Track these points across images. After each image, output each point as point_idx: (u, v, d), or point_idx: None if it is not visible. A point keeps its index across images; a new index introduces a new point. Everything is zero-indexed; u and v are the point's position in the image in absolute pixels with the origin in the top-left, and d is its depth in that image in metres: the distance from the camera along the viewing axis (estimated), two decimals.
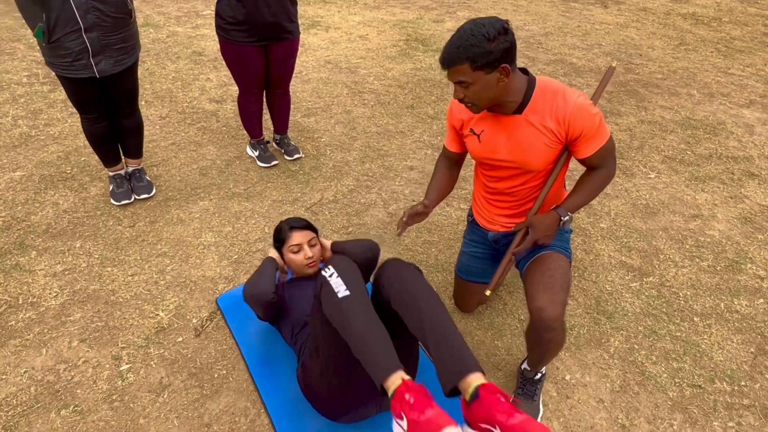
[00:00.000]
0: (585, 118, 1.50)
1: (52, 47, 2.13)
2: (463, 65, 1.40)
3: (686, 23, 6.07)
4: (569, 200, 1.64)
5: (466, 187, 2.96)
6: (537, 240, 1.60)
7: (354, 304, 1.34)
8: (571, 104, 1.49)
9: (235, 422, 1.71)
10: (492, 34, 1.37)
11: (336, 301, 1.35)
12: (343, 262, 1.44)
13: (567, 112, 1.50)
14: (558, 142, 1.56)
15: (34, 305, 2.09)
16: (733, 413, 1.82)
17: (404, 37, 5.21)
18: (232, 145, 3.25)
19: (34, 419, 1.69)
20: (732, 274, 2.43)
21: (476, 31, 1.37)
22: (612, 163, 1.64)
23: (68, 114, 3.46)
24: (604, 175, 1.64)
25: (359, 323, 1.32)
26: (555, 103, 1.51)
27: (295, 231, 1.88)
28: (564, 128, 1.53)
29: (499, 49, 1.38)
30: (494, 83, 1.44)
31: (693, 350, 2.04)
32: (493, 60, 1.39)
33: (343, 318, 1.33)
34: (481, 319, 2.14)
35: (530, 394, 1.77)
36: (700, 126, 3.75)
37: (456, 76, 1.44)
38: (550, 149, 1.57)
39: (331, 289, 1.37)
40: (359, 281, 1.40)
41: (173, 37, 4.85)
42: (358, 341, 1.31)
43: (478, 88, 1.45)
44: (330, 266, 1.42)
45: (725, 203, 2.92)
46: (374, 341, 1.30)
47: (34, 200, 2.67)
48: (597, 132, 1.53)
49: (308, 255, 1.85)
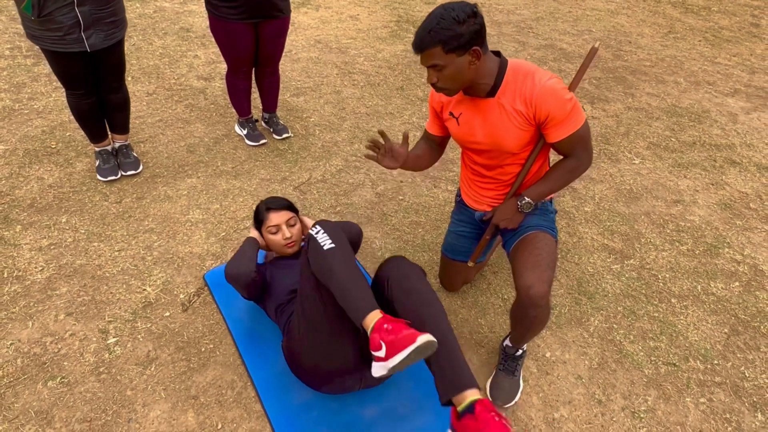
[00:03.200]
0: (553, 100, 1.49)
1: (42, 21, 2.09)
2: (435, 48, 1.42)
3: (676, 11, 6.10)
4: (533, 187, 1.69)
5: (454, 169, 2.99)
6: (498, 225, 1.73)
7: (338, 255, 1.42)
8: (539, 86, 1.49)
9: (222, 394, 1.74)
10: (462, 17, 1.39)
11: (322, 253, 1.43)
12: (329, 223, 1.52)
13: (534, 94, 1.50)
14: (528, 124, 1.56)
15: (19, 279, 2.09)
16: (705, 390, 1.89)
17: (395, 18, 5.17)
18: (220, 123, 3.23)
19: (21, 390, 1.71)
20: (710, 258, 2.49)
21: (446, 15, 1.39)
22: (583, 154, 1.62)
23: (53, 88, 3.40)
24: (573, 166, 1.64)
25: (342, 272, 1.40)
26: (524, 85, 1.52)
27: (273, 212, 1.90)
28: (532, 110, 1.53)
29: (470, 32, 1.40)
30: (466, 66, 1.46)
31: (669, 330, 2.11)
32: (464, 42, 1.41)
33: (327, 267, 1.41)
34: (466, 298, 2.18)
35: (511, 369, 1.82)
36: (685, 114, 3.80)
37: (429, 60, 1.46)
38: (522, 131, 1.58)
39: (318, 244, 1.45)
40: (344, 239, 1.48)
41: (160, 12, 4.77)
42: (340, 288, 1.39)
43: (450, 71, 1.46)
44: (317, 225, 1.51)
45: (706, 189, 2.99)
46: (354, 287, 1.39)
47: (18, 174, 2.64)
48: (567, 117, 1.52)
49: (286, 236, 1.87)
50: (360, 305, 1.36)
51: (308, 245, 1.49)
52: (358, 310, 1.36)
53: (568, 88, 1.55)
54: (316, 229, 1.50)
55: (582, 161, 1.64)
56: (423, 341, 1.24)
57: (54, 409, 1.66)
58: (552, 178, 1.67)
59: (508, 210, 1.72)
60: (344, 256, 1.43)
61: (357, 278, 1.40)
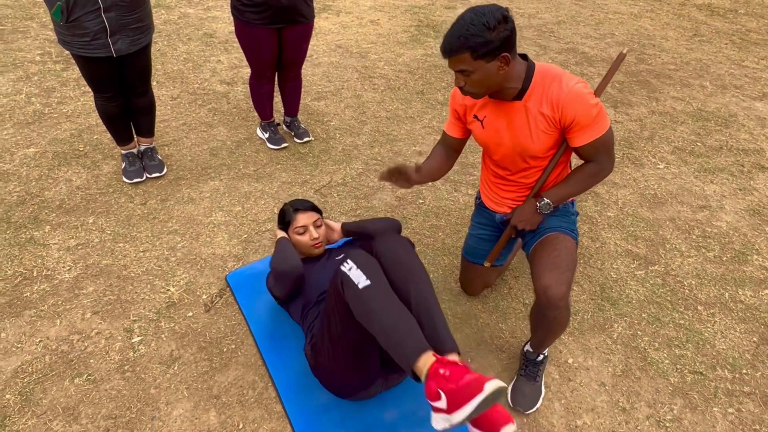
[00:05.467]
0: (579, 105, 1.49)
1: (69, 26, 2.16)
2: (464, 54, 1.42)
3: (701, 14, 6.00)
4: (553, 189, 1.68)
5: (474, 173, 2.97)
6: (516, 226, 1.72)
7: (375, 293, 1.34)
8: (566, 90, 1.49)
9: (243, 395, 1.76)
10: (492, 23, 1.38)
11: (358, 293, 1.34)
12: (360, 255, 1.44)
13: (561, 98, 1.50)
14: (554, 128, 1.56)
15: (48, 278, 2.14)
16: (733, 400, 1.84)
17: (415, 22, 5.18)
18: (242, 127, 3.27)
19: (49, 386, 1.74)
20: (738, 264, 2.43)
21: (476, 20, 1.38)
22: (606, 159, 1.61)
23: (81, 92, 3.49)
24: (594, 171, 1.63)
25: (383, 312, 1.31)
26: (551, 88, 1.51)
27: (300, 213, 1.91)
28: (558, 114, 1.52)
29: (500, 38, 1.39)
30: (494, 71, 1.46)
31: (696, 338, 2.06)
32: (494, 49, 1.40)
33: (365, 308, 1.33)
34: (486, 303, 2.17)
35: (532, 375, 1.80)
36: (712, 118, 3.72)
37: (457, 65, 1.46)
38: (548, 135, 1.58)
39: (352, 282, 1.36)
40: (378, 271, 1.40)
41: (184, 18, 4.86)
42: (383, 333, 1.30)
43: (478, 76, 1.46)
44: (348, 260, 1.42)
45: (734, 195, 2.92)
46: (400, 330, 1.29)
47: (47, 176, 2.71)
48: (593, 122, 1.51)
49: (314, 236, 1.88)
50: (408, 349, 1.26)
51: (342, 285, 1.38)
52: (406, 356, 1.25)
53: (594, 93, 1.54)
54: (348, 265, 1.40)
55: (604, 167, 1.63)
56: (492, 389, 1.10)
57: (80, 406, 1.70)
58: (573, 181, 1.66)
59: (527, 211, 1.71)
60: (382, 294, 1.35)
61: (400, 318, 1.31)
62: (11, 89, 3.46)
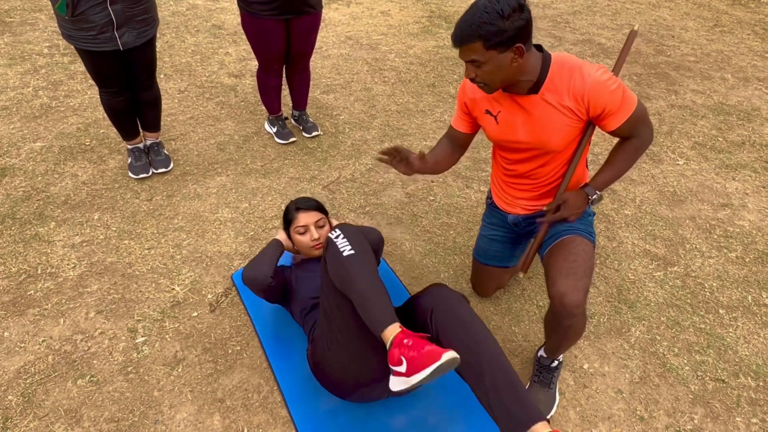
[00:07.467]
0: (606, 93, 1.42)
1: (75, 20, 2.11)
2: (476, 44, 1.34)
3: (722, 4, 5.81)
4: (598, 176, 1.59)
5: (486, 169, 2.90)
6: (566, 218, 1.58)
7: (357, 262, 1.39)
8: (590, 81, 1.42)
9: (248, 398, 1.71)
10: (507, 11, 1.29)
11: (341, 260, 1.39)
12: (350, 227, 1.48)
13: (586, 90, 1.43)
14: (579, 120, 1.49)
15: (52, 275, 2.11)
16: (757, 409, 1.76)
17: (427, 13, 5.08)
18: (250, 121, 3.22)
19: (52, 388, 1.71)
20: (761, 266, 2.34)
21: (490, 7, 1.29)
22: (644, 131, 1.54)
23: (88, 86, 3.45)
24: (637, 145, 1.56)
25: (361, 281, 1.36)
26: (572, 80, 1.44)
27: (302, 212, 1.85)
28: (584, 106, 1.46)
29: (514, 27, 1.31)
30: (507, 63, 1.37)
31: (717, 343, 1.98)
32: (507, 39, 1.32)
33: (346, 275, 1.38)
34: (499, 305, 2.10)
35: (546, 381, 1.73)
36: (734, 111, 3.60)
37: (467, 54, 1.38)
38: (571, 128, 1.51)
39: (337, 249, 1.41)
40: (365, 245, 1.44)
41: (193, 10, 4.80)
42: (360, 297, 1.36)
43: (490, 67, 1.38)
44: (337, 229, 1.48)
45: (757, 192, 2.81)
46: (374, 297, 1.35)
47: (53, 171, 2.68)
48: (621, 104, 1.45)
49: (314, 237, 1.82)
50: (379, 317, 1.33)
51: (327, 250, 1.45)
52: (377, 322, 1.33)
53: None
54: (335, 233, 1.46)
55: (644, 137, 1.55)
56: (447, 359, 1.21)
57: (83, 408, 1.66)
58: (617, 161, 1.58)
59: (580, 202, 1.57)
60: (364, 264, 1.39)
61: (377, 288, 1.37)
62: (19, 82, 3.43)
